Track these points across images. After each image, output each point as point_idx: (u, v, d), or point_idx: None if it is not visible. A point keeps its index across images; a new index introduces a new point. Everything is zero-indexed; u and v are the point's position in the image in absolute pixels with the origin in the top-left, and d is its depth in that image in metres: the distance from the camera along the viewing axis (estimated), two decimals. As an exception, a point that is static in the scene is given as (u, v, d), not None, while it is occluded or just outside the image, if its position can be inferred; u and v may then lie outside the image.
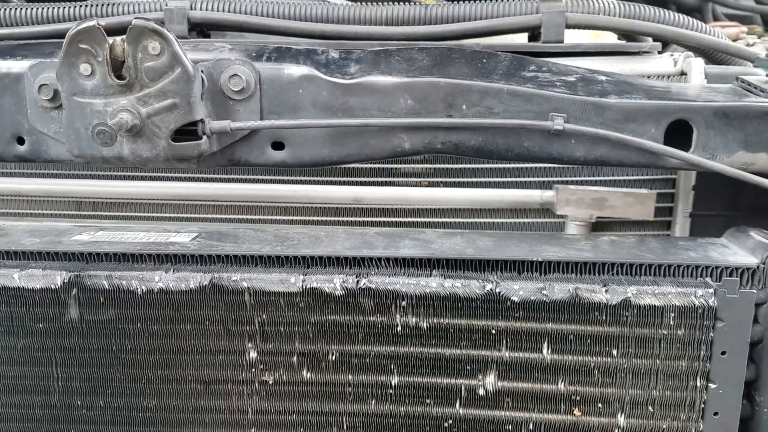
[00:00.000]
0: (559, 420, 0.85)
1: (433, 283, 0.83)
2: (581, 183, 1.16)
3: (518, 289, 0.82)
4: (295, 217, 1.22)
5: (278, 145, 0.99)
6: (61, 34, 1.06)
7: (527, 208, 1.19)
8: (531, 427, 0.86)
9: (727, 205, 1.13)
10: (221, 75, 0.95)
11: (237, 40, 1.14)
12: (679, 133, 0.92)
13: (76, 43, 0.88)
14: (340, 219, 1.22)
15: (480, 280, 0.83)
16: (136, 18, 0.88)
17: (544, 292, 0.82)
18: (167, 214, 1.24)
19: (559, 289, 0.82)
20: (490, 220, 1.20)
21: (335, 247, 0.90)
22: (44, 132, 0.97)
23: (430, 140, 0.96)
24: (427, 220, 1.21)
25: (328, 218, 1.22)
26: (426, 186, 1.20)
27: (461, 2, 1.16)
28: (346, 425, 0.87)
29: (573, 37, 1.25)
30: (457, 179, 1.19)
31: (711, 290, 0.80)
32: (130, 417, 0.89)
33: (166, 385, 0.88)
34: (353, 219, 1.22)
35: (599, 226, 1.17)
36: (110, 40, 0.89)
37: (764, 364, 0.86)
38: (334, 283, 0.83)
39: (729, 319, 0.80)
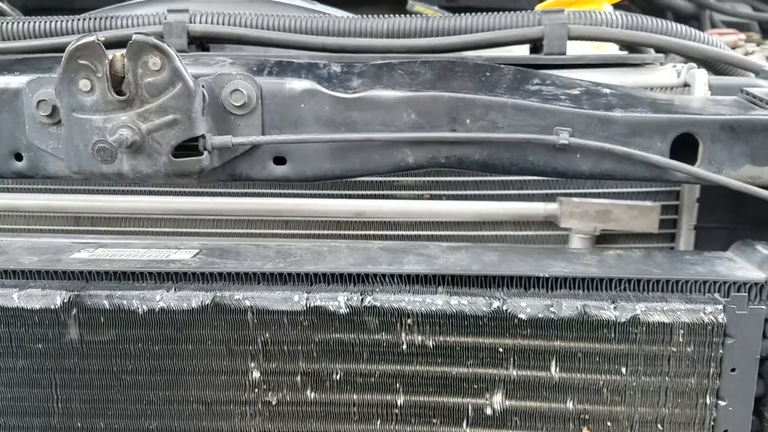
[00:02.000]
0: (567, 439, 0.84)
1: (439, 301, 0.82)
2: (585, 195, 1.15)
3: (525, 306, 0.81)
4: (296, 231, 1.21)
5: (280, 160, 0.98)
6: (60, 49, 1.05)
7: (530, 221, 1.18)
8: (539, 446, 0.85)
9: (731, 217, 1.12)
10: (222, 90, 0.94)
11: (238, 54, 1.13)
12: (684, 146, 0.92)
13: (75, 58, 0.87)
14: (343, 233, 1.21)
15: (486, 298, 0.82)
16: (136, 33, 0.87)
17: (552, 309, 0.81)
18: (167, 229, 1.23)
19: (567, 306, 0.81)
20: (494, 233, 1.19)
21: (338, 263, 0.89)
22: (42, 148, 0.96)
23: (434, 155, 0.95)
24: (429, 233, 1.20)
25: (330, 232, 1.21)
26: (428, 199, 1.19)
27: (463, 14, 1.15)
28: (351, 446, 0.86)
29: (574, 49, 1.25)
30: (459, 192, 1.19)
31: (720, 306, 0.79)
32: (131, 439, 0.88)
33: (167, 407, 0.86)
34: (355, 233, 1.21)
35: (602, 238, 1.17)
36: (110, 55, 0.88)
37: (774, 380, 0.86)
38: (339, 301, 0.82)
39: (738, 335, 0.79)
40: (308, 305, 0.82)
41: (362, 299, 0.82)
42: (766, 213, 1.09)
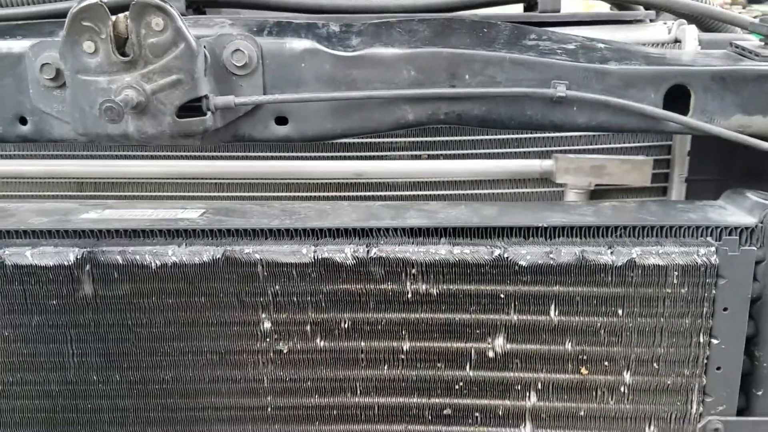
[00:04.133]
0: (566, 379, 0.88)
1: (442, 250, 0.85)
2: (579, 152, 1.18)
3: (526, 253, 0.84)
4: (298, 194, 1.23)
5: (282, 120, 0.99)
6: (60, 14, 1.06)
7: (526, 179, 1.21)
8: (539, 387, 0.88)
9: (720, 170, 1.16)
10: (223, 50, 0.95)
11: (238, 16, 1.13)
12: (677, 98, 0.94)
13: (79, 20, 0.88)
14: (344, 194, 1.23)
15: (488, 246, 0.85)
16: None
17: (551, 255, 0.84)
18: (171, 193, 1.24)
19: (565, 253, 0.84)
20: (491, 191, 1.22)
21: (343, 219, 0.92)
22: (47, 111, 0.97)
23: (434, 111, 0.97)
24: (428, 193, 1.23)
25: (332, 194, 1.23)
26: (426, 159, 1.22)
27: None
28: (360, 390, 0.90)
29: (567, 8, 1.27)
30: (457, 151, 1.21)
31: (713, 249, 0.83)
32: (146, 390, 0.90)
33: (181, 357, 0.89)
34: (356, 194, 1.23)
35: (597, 194, 1.19)
36: (113, 17, 0.89)
37: (763, 321, 0.89)
38: (345, 252, 0.85)
39: (730, 276, 0.83)
40: (316, 257, 0.85)
41: (368, 251, 0.85)
42: (755, 164, 1.13)
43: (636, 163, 1.15)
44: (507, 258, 0.84)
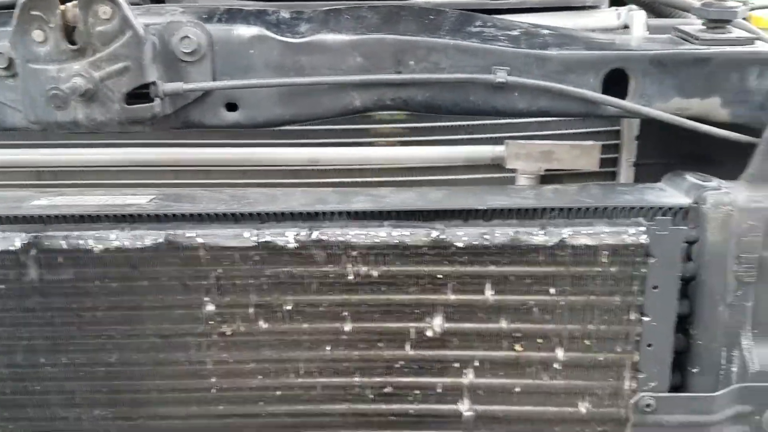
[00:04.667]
0: (502, 356, 0.90)
1: (382, 233, 0.87)
2: (531, 138, 1.20)
3: (462, 235, 0.86)
4: (253, 181, 1.24)
5: (232, 107, 1.01)
6: (12, 5, 1.06)
7: (480, 164, 1.23)
8: (477, 364, 0.91)
9: (668, 153, 1.18)
10: (172, 38, 0.96)
11: (189, 4, 1.14)
12: (618, 82, 0.96)
13: (28, 9, 0.89)
14: (300, 181, 1.24)
15: (426, 228, 0.87)
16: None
17: (486, 236, 0.86)
18: (127, 181, 1.25)
19: (500, 234, 0.86)
20: (445, 177, 1.24)
21: (290, 204, 0.93)
22: (1, 100, 0.98)
23: (380, 97, 0.99)
24: (384, 179, 1.24)
25: (288, 180, 1.24)
26: (382, 146, 1.23)
27: None
28: (303, 371, 0.92)
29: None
30: (413, 138, 1.22)
31: (642, 228, 0.85)
32: (93, 372, 0.92)
33: (126, 340, 0.91)
34: (311, 181, 1.24)
35: (550, 179, 1.21)
36: (62, 6, 0.90)
37: (698, 299, 0.92)
38: (287, 236, 0.87)
39: (660, 255, 0.85)
40: (258, 241, 0.86)
41: (310, 234, 0.87)
42: (701, 148, 1.15)
43: (584, 148, 1.17)
44: (444, 239, 0.86)
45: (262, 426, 0.94)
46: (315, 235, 0.87)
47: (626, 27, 1.17)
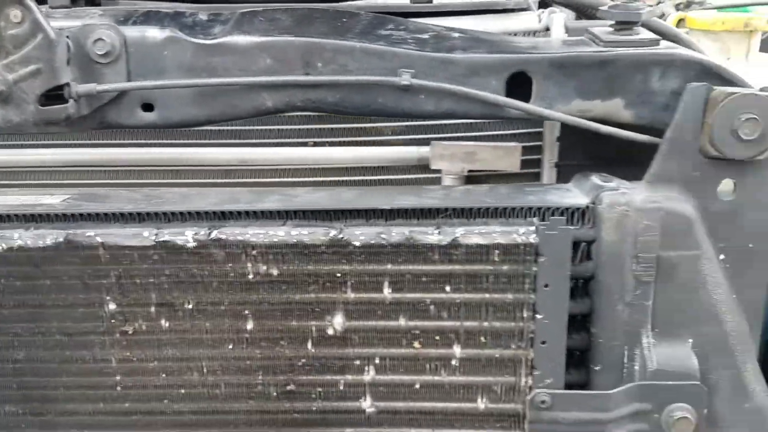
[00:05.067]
0: (402, 353, 0.91)
1: (281, 232, 0.88)
2: (459, 140, 1.21)
3: (360, 234, 0.88)
4: (184, 181, 1.26)
5: (148, 107, 1.02)
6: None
7: (409, 165, 1.24)
8: (377, 362, 0.92)
9: (589, 155, 1.19)
10: (87, 40, 0.98)
11: (110, 7, 1.16)
12: (524, 84, 0.98)
13: (-59, 15, 0.90)
14: (231, 181, 1.26)
15: (325, 228, 0.88)
16: (-5, -11, 0.91)
17: (383, 236, 0.87)
18: (61, 181, 1.27)
19: (396, 233, 0.87)
20: (374, 177, 1.25)
21: (199, 204, 0.95)
22: None
23: (290, 98, 1.00)
24: (314, 179, 1.26)
25: (220, 180, 1.26)
26: (312, 146, 1.25)
27: None
28: (206, 369, 0.93)
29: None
30: (343, 139, 1.24)
31: (533, 228, 0.86)
32: (2, 369, 0.93)
33: (32, 338, 0.92)
34: (243, 180, 1.26)
35: (478, 180, 1.23)
36: (-26, 11, 0.91)
37: (597, 298, 0.93)
38: (186, 235, 0.88)
39: (549, 254, 0.86)
40: (157, 240, 0.88)
41: (209, 233, 0.88)
42: (621, 149, 1.16)
43: (506, 150, 1.18)
44: (342, 239, 0.88)
45: (167, 423, 0.95)
46: (214, 234, 0.88)
47: (548, 29, 1.19)
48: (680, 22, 1.46)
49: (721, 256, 0.96)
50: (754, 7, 1.58)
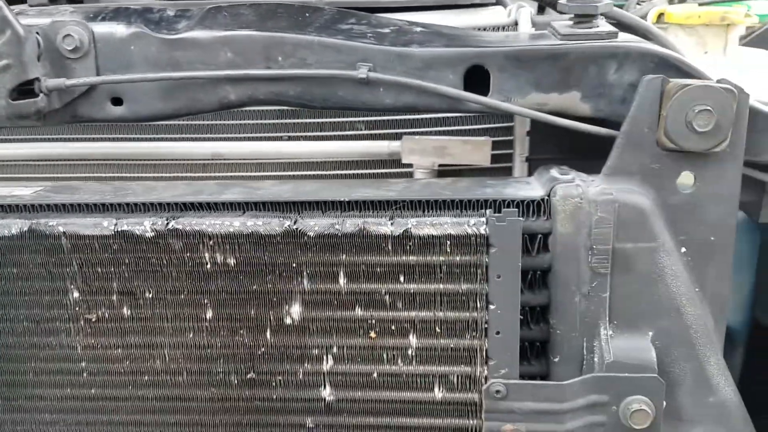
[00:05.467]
0: (358, 343, 0.93)
1: (237, 223, 0.90)
2: (431, 134, 1.22)
3: (314, 225, 0.89)
4: (161, 174, 1.28)
5: (117, 101, 1.04)
6: None
7: (381, 159, 1.25)
8: (335, 351, 0.93)
9: (559, 149, 1.19)
10: (57, 36, 1.00)
11: (82, 5, 1.18)
12: (485, 77, 0.98)
13: None
14: (204, 175, 1.28)
15: (280, 219, 0.90)
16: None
17: (336, 227, 0.89)
18: (42, 175, 1.30)
19: (349, 224, 0.89)
20: (347, 171, 1.27)
21: (163, 195, 0.97)
22: None
23: (253, 92, 1.02)
24: (289, 173, 1.27)
25: (194, 174, 1.28)
26: (286, 140, 1.26)
27: None
28: (168, 357, 0.95)
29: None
30: (317, 133, 1.25)
31: (483, 219, 0.87)
32: (-28, 356, 0.96)
33: (1, 325, 0.95)
34: (218, 174, 1.28)
35: (450, 174, 1.24)
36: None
37: (555, 290, 0.94)
38: (145, 225, 0.90)
39: (499, 245, 0.87)
40: (116, 230, 0.90)
41: (167, 223, 0.90)
42: (592, 142, 1.16)
43: (476, 144, 1.19)
44: (297, 229, 0.89)
45: (132, 409, 0.97)
46: (171, 224, 0.90)
47: (517, 24, 1.19)
48: (660, 17, 1.46)
49: (683, 249, 0.96)
50: (747, 2, 1.57)
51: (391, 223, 0.88)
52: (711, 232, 0.96)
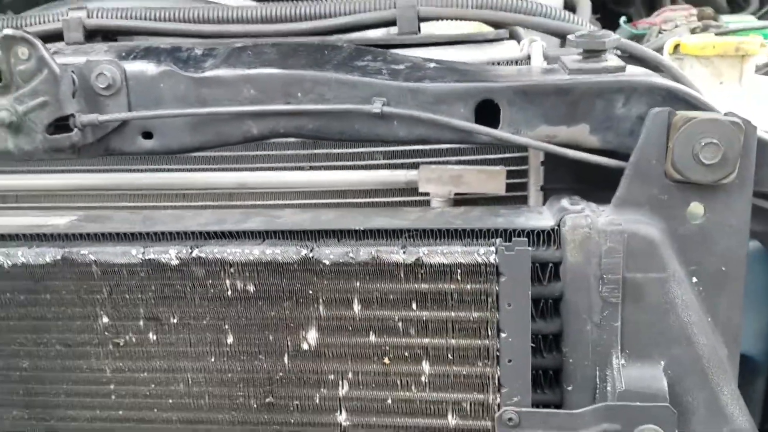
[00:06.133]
0: (373, 369, 0.96)
1: (256, 251, 0.94)
2: (447, 164, 1.26)
3: (329, 253, 0.93)
4: (191, 204, 1.34)
5: (147, 135, 1.11)
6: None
7: (397, 188, 1.29)
8: (350, 376, 0.96)
9: (574, 178, 1.21)
10: (91, 74, 1.07)
11: (115, 43, 1.26)
12: (495, 111, 1.02)
13: (-42, 52, 1.01)
14: (232, 203, 1.33)
15: (297, 247, 0.94)
16: (6, 29, 1.01)
17: (351, 255, 0.92)
18: (75, 204, 1.36)
19: (363, 252, 0.92)
20: (366, 199, 1.31)
21: (189, 224, 1.02)
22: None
23: (274, 126, 1.07)
24: (310, 201, 1.32)
25: (223, 203, 1.33)
26: (308, 170, 1.31)
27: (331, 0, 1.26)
28: (191, 381, 0.99)
29: (449, 28, 1.36)
30: (336, 163, 1.30)
31: (492, 248, 0.90)
32: (8, 376, 1.02)
33: (35, 348, 1.00)
34: (243, 203, 1.33)
35: (467, 203, 1.27)
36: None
37: (567, 318, 0.96)
38: (170, 253, 0.95)
39: (509, 273, 0.90)
40: (144, 258, 0.95)
41: (191, 251, 0.95)
42: (604, 172, 1.19)
43: (491, 173, 1.22)
44: (313, 257, 0.93)
45: (157, 431, 1.01)
46: (195, 252, 0.94)
47: (530, 58, 1.23)
48: (677, 48, 1.47)
49: (694, 279, 0.97)
50: (753, 31, 1.58)
51: (404, 252, 0.91)
52: (722, 263, 0.97)
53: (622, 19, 1.92)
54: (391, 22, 1.24)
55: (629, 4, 2.24)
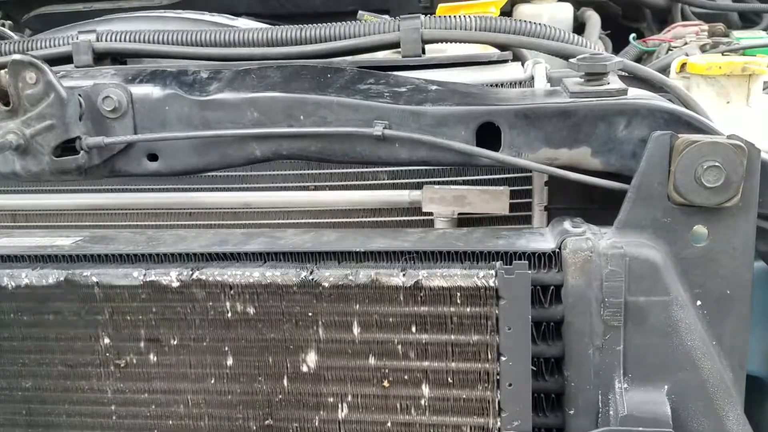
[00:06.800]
0: (372, 392, 0.95)
1: (256, 273, 0.94)
2: (449, 183, 1.26)
3: (329, 275, 0.93)
4: (196, 222, 1.35)
5: (153, 157, 1.12)
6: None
7: (400, 207, 1.29)
8: (350, 399, 0.96)
9: (578, 198, 1.21)
10: (98, 97, 1.09)
11: (123, 66, 1.27)
12: (497, 134, 1.02)
13: (-33, 77, 1.03)
14: (236, 222, 1.34)
15: (297, 269, 0.94)
16: (15, 55, 1.03)
17: (350, 277, 0.92)
18: (83, 223, 1.38)
19: (362, 275, 0.92)
20: (370, 219, 1.31)
21: (191, 245, 1.02)
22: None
23: (277, 148, 1.08)
24: (315, 221, 1.32)
25: (226, 222, 1.34)
26: (312, 190, 1.32)
27: (334, 23, 1.27)
28: (191, 402, 0.99)
29: (454, 49, 1.36)
30: (341, 183, 1.31)
31: (492, 272, 0.89)
32: (11, 395, 1.03)
33: (38, 368, 1.01)
34: (247, 222, 1.34)
35: (470, 222, 1.27)
36: (-3, 73, 1.04)
37: (569, 341, 0.95)
38: (171, 275, 0.95)
39: (509, 297, 0.89)
40: (145, 280, 0.95)
41: (191, 274, 0.95)
42: (608, 193, 1.18)
43: (494, 193, 1.22)
44: (312, 279, 0.93)
45: (157, 453, 1.01)
46: (196, 275, 0.95)
47: (534, 79, 1.23)
48: (683, 67, 1.47)
49: (698, 302, 0.96)
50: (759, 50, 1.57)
51: (403, 275, 0.91)
52: (726, 286, 0.95)
53: (632, 36, 1.92)
54: (395, 45, 1.25)
55: (640, 20, 2.23)
